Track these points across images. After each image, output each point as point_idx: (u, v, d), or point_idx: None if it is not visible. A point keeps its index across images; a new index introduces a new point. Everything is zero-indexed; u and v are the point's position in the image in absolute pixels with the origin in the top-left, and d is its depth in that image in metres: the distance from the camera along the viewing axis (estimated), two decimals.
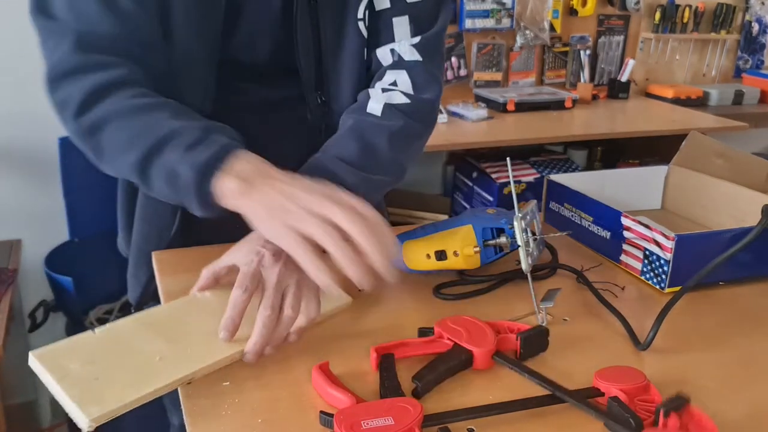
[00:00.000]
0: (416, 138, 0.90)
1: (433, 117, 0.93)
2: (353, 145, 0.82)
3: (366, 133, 0.83)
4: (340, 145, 0.82)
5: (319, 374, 0.62)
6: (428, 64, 0.90)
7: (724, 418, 0.61)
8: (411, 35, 0.90)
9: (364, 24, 0.89)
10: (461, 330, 0.69)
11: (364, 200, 0.67)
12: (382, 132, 0.84)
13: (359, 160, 0.81)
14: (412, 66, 0.89)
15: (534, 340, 0.69)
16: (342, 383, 0.61)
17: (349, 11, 0.89)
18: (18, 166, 2.07)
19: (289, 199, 0.66)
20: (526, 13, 2.62)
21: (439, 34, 0.92)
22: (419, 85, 0.89)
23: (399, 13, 0.89)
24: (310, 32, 0.89)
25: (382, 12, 0.89)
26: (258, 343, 0.65)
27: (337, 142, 0.83)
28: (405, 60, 0.90)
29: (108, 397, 0.57)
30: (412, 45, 0.90)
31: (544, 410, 0.61)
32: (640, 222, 0.87)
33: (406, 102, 0.87)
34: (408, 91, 0.88)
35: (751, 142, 3.00)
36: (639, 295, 0.85)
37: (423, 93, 0.89)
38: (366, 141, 0.82)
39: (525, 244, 0.78)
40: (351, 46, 0.90)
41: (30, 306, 2.04)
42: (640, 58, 2.87)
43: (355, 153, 0.81)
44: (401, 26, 0.89)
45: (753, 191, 0.99)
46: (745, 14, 3.03)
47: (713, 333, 0.77)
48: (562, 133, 2.25)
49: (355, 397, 0.59)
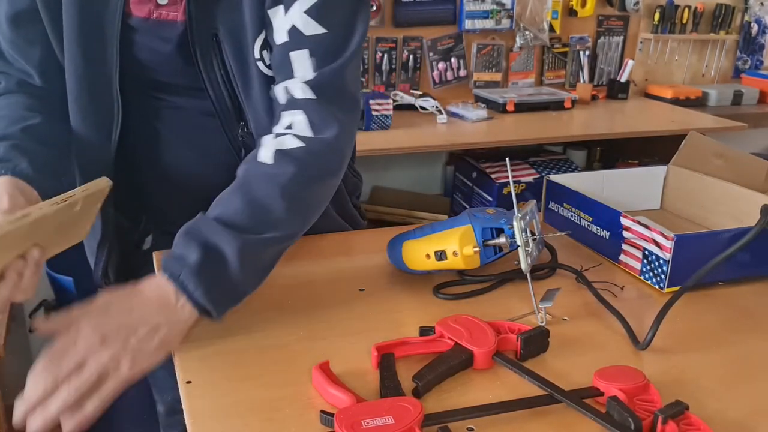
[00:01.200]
0: (313, 183, 0.80)
1: (336, 158, 0.82)
2: (238, 203, 0.74)
3: (254, 187, 0.75)
4: (225, 204, 0.75)
5: (319, 373, 0.62)
6: (324, 103, 0.81)
7: (723, 418, 0.61)
8: (312, 70, 0.81)
9: (264, 63, 0.84)
10: (462, 329, 0.69)
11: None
12: (272, 183, 0.75)
13: (244, 220, 0.73)
14: (307, 106, 0.80)
15: (534, 341, 0.69)
16: (342, 382, 0.62)
17: (247, 51, 0.84)
18: None
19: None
20: (526, 14, 2.62)
21: (339, 69, 0.82)
22: (317, 125, 0.80)
23: (297, 46, 0.80)
24: (217, 66, 0.85)
25: (280, 47, 0.81)
26: (29, 405, 0.62)
27: (222, 200, 0.76)
28: (297, 99, 0.81)
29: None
30: (304, 82, 0.80)
31: (544, 410, 0.61)
32: (639, 222, 0.88)
33: (299, 146, 0.78)
34: (303, 134, 0.79)
35: (750, 142, 3.00)
36: (638, 295, 0.86)
37: (321, 133, 0.80)
38: (252, 196, 0.74)
39: (524, 244, 0.78)
40: (257, 85, 0.86)
41: (31, 306, 2.04)
42: (639, 59, 2.87)
43: (240, 212, 0.73)
44: (300, 61, 0.81)
45: (752, 191, 0.99)
46: (744, 15, 3.03)
47: (712, 333, 0.77)
48: (562, 134, 2.25)
49: (356, 396, 0.59)
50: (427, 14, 2.47)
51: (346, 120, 0.82)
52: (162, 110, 0.93)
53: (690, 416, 0.58)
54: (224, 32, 0.83)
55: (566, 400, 0.60)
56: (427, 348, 0.69)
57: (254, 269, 0.74)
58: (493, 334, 0.69)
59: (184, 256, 0.69)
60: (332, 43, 0.81)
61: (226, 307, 0.72)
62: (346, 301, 0.81)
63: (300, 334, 0.73)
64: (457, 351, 0.67)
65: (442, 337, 0.70)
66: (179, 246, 0.71)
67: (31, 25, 0.86)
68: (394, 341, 0.69)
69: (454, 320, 0.71)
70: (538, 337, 0.70)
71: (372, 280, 0.85)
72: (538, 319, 0.76)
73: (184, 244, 0.70)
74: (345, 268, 0.90)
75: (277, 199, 0.74)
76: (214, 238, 0.70)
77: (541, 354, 0.70)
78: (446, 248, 0.82)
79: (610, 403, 0.59)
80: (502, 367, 0.67)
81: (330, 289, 0.84)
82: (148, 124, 0.94)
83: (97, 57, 0.86)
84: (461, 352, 0.67)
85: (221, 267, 0.70)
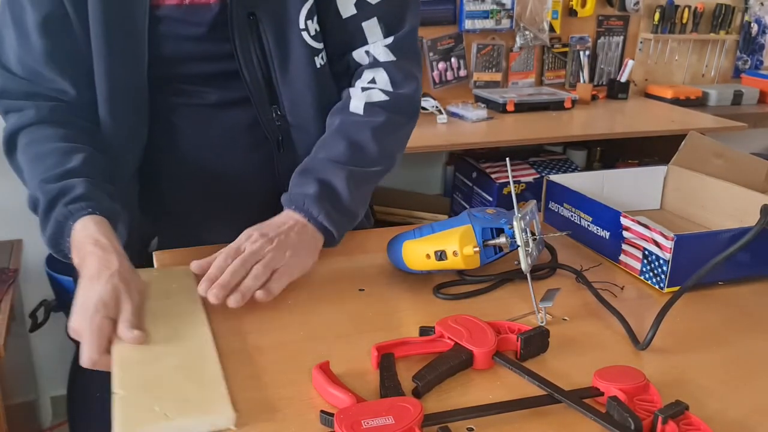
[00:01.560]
0: (399, 128, 0.96)
1: (413, 108, 0.98)
2: (341, 145, 0.89)
3: (352, 132, 0.90)
4: (329, 146, 0.90)
5: (319, 374, 0.63)
6: (403, 62, 0.95)
7: (723, 418, 0.61)
8: (383, 36, 0.94)
9: (308, 33, 0.90)
10: (462, 329, 0.69)
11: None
12: (366, 128, 0.91)
13: (348, 158, 0.88)
14: (388, 65, 0.94)
15: (535, 341, 0.70)
16: (342, 383, 0.62)
17: (291, 22, 0.89)
18: None
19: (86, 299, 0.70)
20: (526, 14, 2.62)
21: (410, 33, 0.96)
22: (397, 82, 0.94)
23: (366, 17, 0.93)
24: (253, 46, 0.89)
25: (350, 18, 0.93)
26: (212, 274, 0.73)
27: (326, 144, 0.91)
28: (380, 61, 0.95)
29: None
30: (385, 46, 0.94)
31: (544, 410, 0.61)
32: (639, 222, 0.88)
33: (385, 99, 0.93)
34: (386, 88, 0.94)
35: (750, 142, 3.00)
36: (638, 295, 0.86)
37: (401, 89, 0.95)
38: (352, 139, 0.90)
39: (524, 244, 0.78)
40: (297, 59, 0.91)
41: (31, 306, 2.04)
42: (639, 59, 2.87)
43: (344, 151, 0.88)
44: (372, 28, 0.93)
45: (752, 191, 0.99)
46: (744, 15, 3.03)
47: (712, 333, 0.77)
48: (562, 134, 2.25)
49: (356, 396, 0.59)
50: (427, 14, 2.47)
51: (419, 75, 0.98)
52: (185, 107, 0.94)
53: (690, 416, 0.58)
54: (263, 9, 0.88)
55: (566, 400, 0.60)
56: (427, 348, 0.69)
57: (359, 196, 0.89)
58: (493, 334, 0.69)
59: (304, 190, 0.84)
60: (398, 10, 0.94)
61: (344, 228, 0.87)
62: (346, 301, 0.81)
63: (300, 334, 0.73)
64: (456, 351, 0.67)
65: (441, 337, 0.70)
66: (298, 184, 0.86)
67: (62, 30, 0.85)
68: (394, 341, 0.69)
69: (454, 320, 0.71)
70: (538, 337, 0.70)
71: (372, 280, 0.85)
72: (539, 320, 0.76)
73: (302, 182, 0.86)
74: (345, 268, 0.90)
75: (371, 141, 0.90)
76: (326, 173, 0.86)
77: (541, 354, 0.70)
78: (446, 248, 0.82)
79: (610, 403, 0.59)
80: (502, 367, 0.67)
81: (330, 289, 0.84)
82: (171, 122, 0.94)
83: (127, 53, 0.86)
84: (461, 352, 0.67)
85: (335, 194, 0.85)
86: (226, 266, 0.74)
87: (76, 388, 2.02)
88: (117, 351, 0.67)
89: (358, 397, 0.59)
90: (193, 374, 0.63)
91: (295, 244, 0.80)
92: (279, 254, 0.77)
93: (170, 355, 0.66)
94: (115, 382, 0.62)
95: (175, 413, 0.57)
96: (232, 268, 0.74)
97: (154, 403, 0.58)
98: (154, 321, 0.72)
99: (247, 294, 0.73)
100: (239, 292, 0.72)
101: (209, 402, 0.59)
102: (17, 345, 1.87)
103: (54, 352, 2.18)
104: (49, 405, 2.27)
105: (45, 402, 2.26)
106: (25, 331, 2.02)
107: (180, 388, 0.61)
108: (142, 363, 0.65)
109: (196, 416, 0.57)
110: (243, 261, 0.74)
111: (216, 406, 0.58)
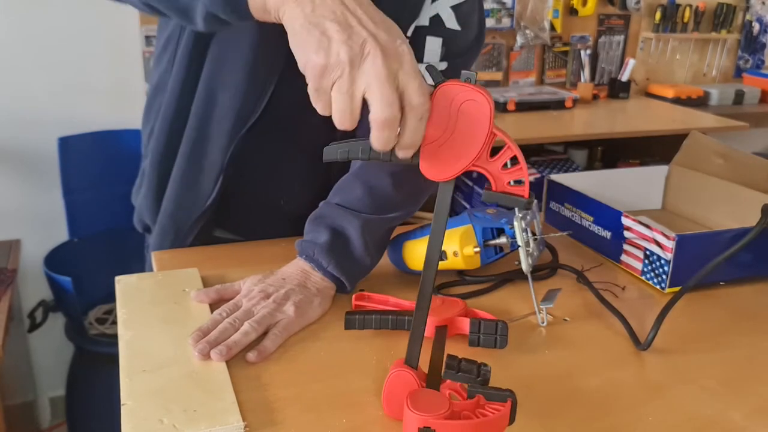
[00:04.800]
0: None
1: None
2: (358, 190, 0.83)
3: (371, 177, 0.84)
4: (346, 191, 0.84)
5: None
6: None
7: (723, 418, 0.61)
8: (439, 59, 0.88)
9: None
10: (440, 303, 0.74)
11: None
12: (386, 172, 0.83)
13: (364, 205, 0.83)
14: None
15: (488, 328, 0.69)
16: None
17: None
18: (18, 166, 2.07)
19: (344, 18, 0.54)
20: (527, 13, 2.62)
21: (465, 63, 0.91)
22: None
23: (434, 33, 0.87)
24: None
25: (420, 28, 0.87)
26: (206, 326, 0.70)
27: (342, 189, 0.85)
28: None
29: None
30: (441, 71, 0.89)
31: None
32: (640, 222, 0.87)
33: None
34: None
35: (751, 141, 3.00)
36: (639, 295, 0.85)
37: None
38: (371, 185, 0.83)
39: (525, 244, 0.77)
40: None
41: (29, 306, 2.04)
42: (640, 58, 2.87)
43: (360, 198, 0.83)
44: (433, 46, 0.88)
45: (753, 191, 0.99)
46: (746, 14, 3.03)
47: (713, 333, 0.77)
48: (563, 133, 2.25)
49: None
50: None
51: None
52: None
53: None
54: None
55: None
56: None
57: (374, 244, 0.83)
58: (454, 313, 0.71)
59: (315, 238, 0.81)
60: (462, 41, 0.89)
61: (356, 278, 0.82)
62: (346, 301, 0.80)
63: (300, 335, 0.73)
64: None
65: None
66: (310, 231, 0.83)
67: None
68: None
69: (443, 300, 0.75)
70: (491, 326, 0.69)
71: (372, 280, 0.85)
72: (539, 320, 0.76)
73: (314, 228, 0.82)
74: None
75: (390, 187, 0.84)
76: (339, 221, 0.82)
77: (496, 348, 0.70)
78: (447, 248, 0.81)
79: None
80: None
81: None
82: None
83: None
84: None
85: (347, 243, 0.81)
86: (221, 320, 0.72)
87: (75, 388, 2.02)
88: (124, 358, 0.67)
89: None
90: (200, 383, 0.62)
91: (297, 299, 0.75)
92: (275, 310, 0.73)
93: (178, 362, 0.66)
94: (123, 391, 0.62)
95: (184, 425, 0.56)
96: (222, 327, 0.70)
97: (163, 415, 0.58)
98: (162, 327, 0.72)
99: (234, 348, 0.68)
100: (224, 345, 0.68)
101: (218, 412, 0.58)
102: (16, 345, 1.87)
103: (52, 353, 2.17)
104: (48, 405, 2.26)
105: (44, 402, 2.25)
106: (24, 332, 2.02)
107: (188, 397, 0.60)
108: (151, 371, 0.64)
109: (205, 427, 0.56)
110: (233, 320, 0.71)
111: (224, 416, 0.58)
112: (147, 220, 0.99)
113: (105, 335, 1.96)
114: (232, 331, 0.70)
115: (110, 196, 2.01)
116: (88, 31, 2.04)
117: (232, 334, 0.70)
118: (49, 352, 2.18)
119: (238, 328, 0.70)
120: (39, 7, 1.97)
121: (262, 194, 0.97)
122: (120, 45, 2.08)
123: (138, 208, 1.01)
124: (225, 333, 0.70)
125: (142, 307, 0.76)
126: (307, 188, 0.97)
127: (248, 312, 0.73)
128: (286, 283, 0.78)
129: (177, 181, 0.92)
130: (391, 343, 0.71)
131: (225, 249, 0.94)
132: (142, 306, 0.76)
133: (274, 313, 0.73)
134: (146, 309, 0.75)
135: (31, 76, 2.02)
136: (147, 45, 2.09)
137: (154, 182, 0.95)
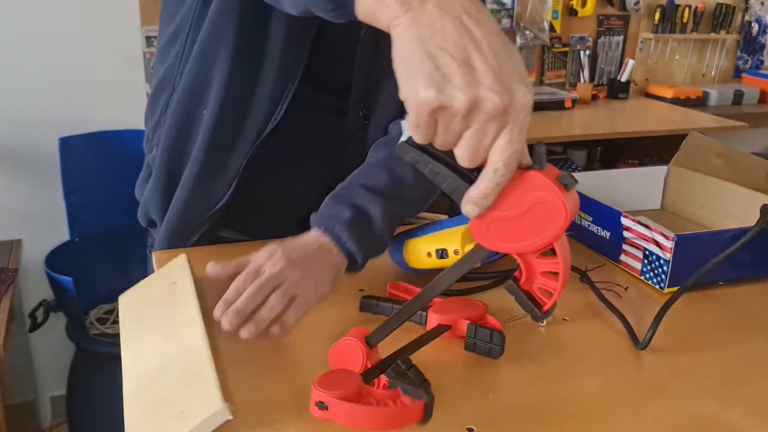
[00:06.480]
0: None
1: None
2: (384, 177, 0.85)
3: (396, 168, 0.86)
4: (369, 176, 0.86)
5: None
6: None
7: (723, 418, 0.61)
8: None
9: None
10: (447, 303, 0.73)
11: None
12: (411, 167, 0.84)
13: (388, 192, 0.84)
14: None
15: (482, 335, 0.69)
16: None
17: None
18: (18, 166, 2.07)
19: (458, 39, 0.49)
20: (526, 14, 2.62)
21: None
22: None
23: None
24: (369, 50, 0.91)
25: None
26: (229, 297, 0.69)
27: (365, 173, 0.87)
28: None
29: None
30: None
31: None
32: (639, 222, 0.88)
33: None
34: None
35: (750, 142, 3.00)
36: (639, 295, 0.85)
37: None
38: (396, 174, 0.86)
39: None
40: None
41: (30, 306, 2.04)
42: (639, 58, 2.87)
43: (385, 184, 0.85)
44: None
45: (752, 191, 0.99)
46: (745, 14, 3.03)
47: (712, 333, 0.77)
48: (562, 133, 2.25)
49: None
50: None
51: None
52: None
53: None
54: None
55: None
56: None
57: (390, 229, 0.85)
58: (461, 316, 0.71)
59: (337, 213, 0.81)
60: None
61: (369, 256, 0.82)
62: (346, 301, 0.80)
63: (300, 334, 0.73)
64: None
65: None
66: (330, 207, 0.82)
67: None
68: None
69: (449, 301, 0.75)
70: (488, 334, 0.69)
71: (372, 280, 0.85)
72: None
73: (336, 204, 0.82)
74: None
75: (413, 180, 0.86)
76: (362, 200, 0.82)
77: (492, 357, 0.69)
78: (448, 247, 0.82)
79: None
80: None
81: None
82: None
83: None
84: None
85: (369, 222, 0.82)
86: (244, 288, 0.70)
87: (76, 388, 2.02)
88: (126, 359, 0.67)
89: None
90: (186, 380, 0.63)
91: (317, 271, 0.76)
92: (298, 280, 0.73)
93: (169, 362, 0.66)
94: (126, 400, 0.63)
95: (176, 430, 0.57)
96: (249, 293, 0.69)
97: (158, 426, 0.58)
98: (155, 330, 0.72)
99: (261, 325, 0.68)
100: (253, 323, 0.68)
101: (201, 405, 0.58)
102: (17, 345, 1.87)
103: (53, 352, 2.18)
104: (49, 405, 2.27)
105: (44, 402, 2.26)
106: (25, 331, 2.02)
107: (177, 399, 0.60)
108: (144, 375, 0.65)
109: (195, 424, 0.57)
110: (260, 286, 0.70)
111: (206, 406, 0.58)
112: (153, 216, 0.98)
113: (106, 335, 1.96)
114: (260, 298, 0.69)
115: (111, 196, 2.02)
116: (89, 32, 2.04)
117: (259, 302, 0.69)
118: (50, 351, 2.18)
119: (266, 294, 0.70)
120: (40, 8, 1.98)
121: (271, 195, 0.98)
122: (121, 45, 2.08)
123: (144, 203, 1.00)
124: (253, 301, 0.69)
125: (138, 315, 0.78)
126: (316, 189, 0.97)
127: (275, 277, 0.71)
128: (305, 251, 0.77)
129: (189, 183, 0.91)
130: (396, 342, 0.72)
131: (228, 249, 0.94)
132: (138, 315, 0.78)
133: (296, 285, 0.72)
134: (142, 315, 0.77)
135: (32, 76, 2.02)
136: (148, 45, 2.09)
137: (163, 179, 0.94)
